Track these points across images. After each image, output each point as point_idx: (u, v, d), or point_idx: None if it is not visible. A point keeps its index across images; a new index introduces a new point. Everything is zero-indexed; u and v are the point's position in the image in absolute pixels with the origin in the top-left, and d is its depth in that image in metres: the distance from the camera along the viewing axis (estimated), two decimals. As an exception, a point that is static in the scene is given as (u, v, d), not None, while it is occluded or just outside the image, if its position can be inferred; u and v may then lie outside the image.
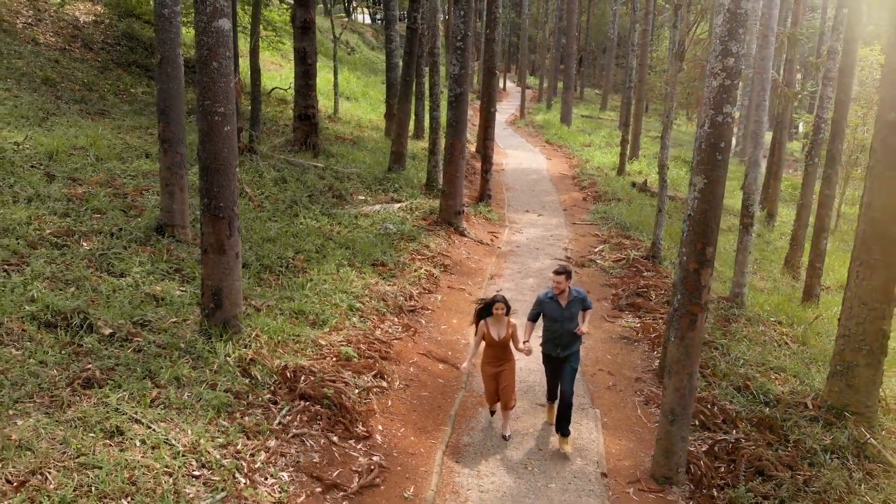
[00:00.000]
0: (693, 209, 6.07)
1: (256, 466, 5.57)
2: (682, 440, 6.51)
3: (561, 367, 7.04)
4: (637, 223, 16.37)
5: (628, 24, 31.00)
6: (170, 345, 6.81)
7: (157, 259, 8.80)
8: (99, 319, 6.93)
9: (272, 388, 6.62)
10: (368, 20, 60.34)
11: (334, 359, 7.51)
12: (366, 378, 7.39)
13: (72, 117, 14.25)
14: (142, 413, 5.74)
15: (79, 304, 7.02)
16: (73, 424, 5.44)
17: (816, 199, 13.95)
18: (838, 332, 8.37)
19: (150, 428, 5.59)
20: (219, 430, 5.81)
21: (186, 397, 6.10)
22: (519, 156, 26.73)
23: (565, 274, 6.94)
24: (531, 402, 7.90)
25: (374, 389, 7.33)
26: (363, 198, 14.71)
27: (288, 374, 6.80)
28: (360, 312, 9.00)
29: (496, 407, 7.37)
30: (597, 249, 14.53)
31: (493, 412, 7.48)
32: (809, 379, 9.15)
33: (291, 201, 12.72)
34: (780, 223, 20.72)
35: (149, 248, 9.05)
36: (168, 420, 5.75)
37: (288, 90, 21.00)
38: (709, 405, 7.99)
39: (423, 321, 9.76)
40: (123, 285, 7.96)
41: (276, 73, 25.88)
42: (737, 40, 5.69)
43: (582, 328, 6.98)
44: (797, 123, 38.45)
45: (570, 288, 7.02)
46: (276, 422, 6.18)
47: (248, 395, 6.39)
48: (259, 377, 6.68)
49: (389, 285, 10.30)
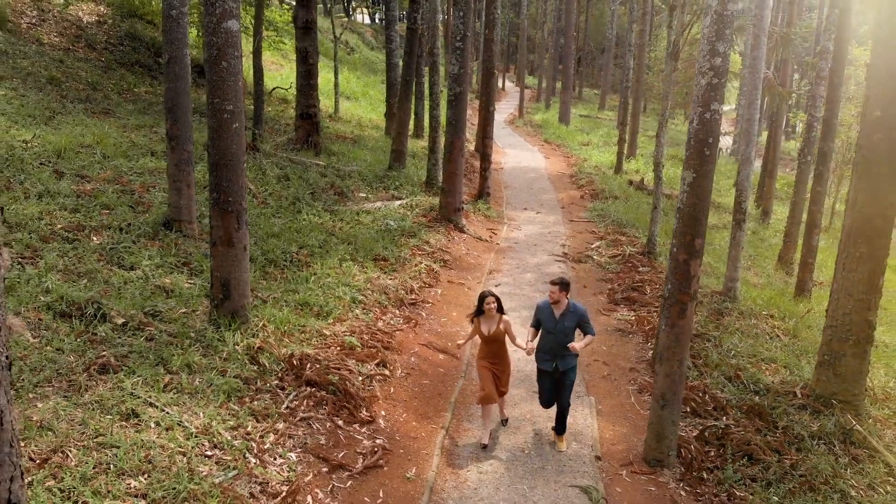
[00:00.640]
0: (683, 202, 6.35)
1: (266, 447, 5.84)
2: (672, 424, 6.78)
3: (558, 383, 6.90)
4: (633, 220, 16.65)
5: (626, 24, 31.29)
6: (180, 334, 7.08)
7: (165, 253, 9.07)
8: (112, 310, 7.20)
9: (279, 374, 6.89)
10: (368, 20, 60.59)
11: (338, 348, 7.78)
12: (369, 366, 7.66)
13: (77, 116, 14.50)
14: (155, 397, 6.01)
15: (92, 295, 7.29)
16: (91, 407, 5.71)
17: (809, 197, 14.22)
18: (826, 323, 8.64)
19: (164, 411, 5.86)
20: (229, 414, 6.08)
21: (198, 383, 6.37)
22: (517, 155, 27.01)
23: (559, 284, 6.74)
24: (528, 389, 8.16)
25: (377, 377, 7.61)
26: (364, 195, 14.98)
27: (294, 362, 7.07)
28: (362, 305, 9.27)
29: (490, 429, 7.03)
30: (594, 246, 14.81)
31: (485, 446, 6.88)
32: (799, 370, 9.42)
33: (294, 198, 13.00)
34: (775, 221, 21.00)
35: (157, 242, 9.32)
36: (181, 404, 6.02)
37: (289, 90, 21.26)
38: (700, 393, 8.26)
39: (424, 314, 10.03)
40: (134, 278, 8.22)
41: (277, 72, 26.13)
42: (724, 41, 5.96)
43: (575, 345, 6.69)
44: (795, 123, 38.78)
45: (569, 301, 6.82)
46: (284, 406, 6.46)
47: (257, 381, 6.66)
48: (267, 364, 6.95)
49: (391, 279, 10.57)
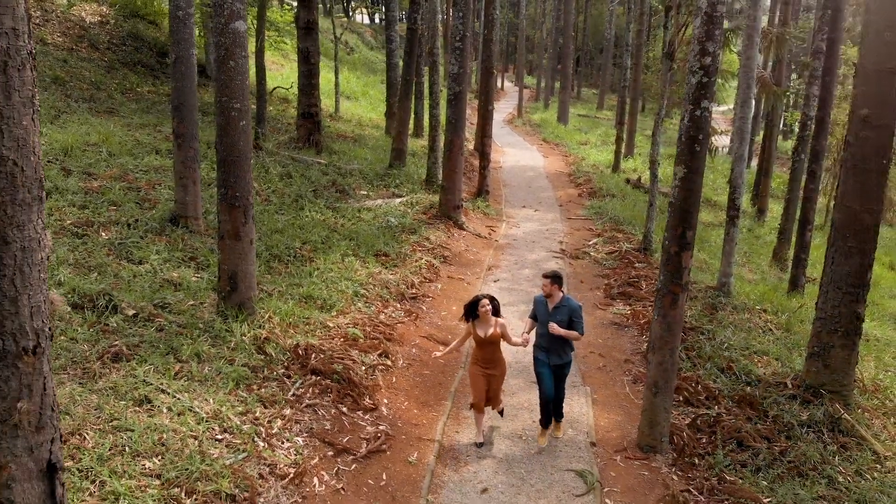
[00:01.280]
0: (674, 197, 6.59)
1: (274, 432, 6.08)
2: (665, 411, 7.02)
3: (554, 374, 6.95)
4: (630, 218, 16.89)
5: (625, 24, 31.55)
6: (189, 324, 7.32)
7: (172, 248, 9.31)
8: (122, 301, 7.44)
9: (285, 364, 7.13)
10: (367, 20, 60.79)
11: (342, 339, 8.02)
12: (372, 357, 7.91)
13: (82, 115, 14.73)
14: (167, 384, 6.24)
15: (103, 287, 7.53)
16: (105, 393, 5.94)
17: (802, 194, 14.46)
18: (815, 315, 8.88)
19: (175, 397, 6.09)
20: (238, 400, 6.32)
21: (207, 371, 6.61)
22: (516, 154, 27.26)
23: (551, 278, 6.79)
24: (526, 379, 8.40)
25: (380, 367, 7.85)
26: (365, 193, 15.22)
27: (300, 352, 7.31)
28: (364, 298, 9.51)
29: (483, 429, 7.04)
30: (591, 242, 15.05)
31: (481, 444, 6.93)
32: (791, 362, 9.65)
33: (297, 195, 13.23)
34: (771, 219, 21.24)
35: (164, 237, 9.55)
36: (191, 390, 6.26)
37: (290, 89, 21.49)
38: (693, 383, 8.50)
39: (424, 307, 10.27)
40: (142, 271, 8.46)
41: (278, 72, 26.35)
42: (713, 41, 6.20)
43: (555, 327, 6.67)
44: (791, 123, 39.03)
45: (563, 295, 6.87)
46: (291, 393, 6.69)
47: (264, 370, 6.90)
48: (273, 354, 7.19)
49: (392, 274, 10.81)
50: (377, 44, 46.76)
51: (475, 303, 6.77)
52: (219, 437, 5.80)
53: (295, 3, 32.73)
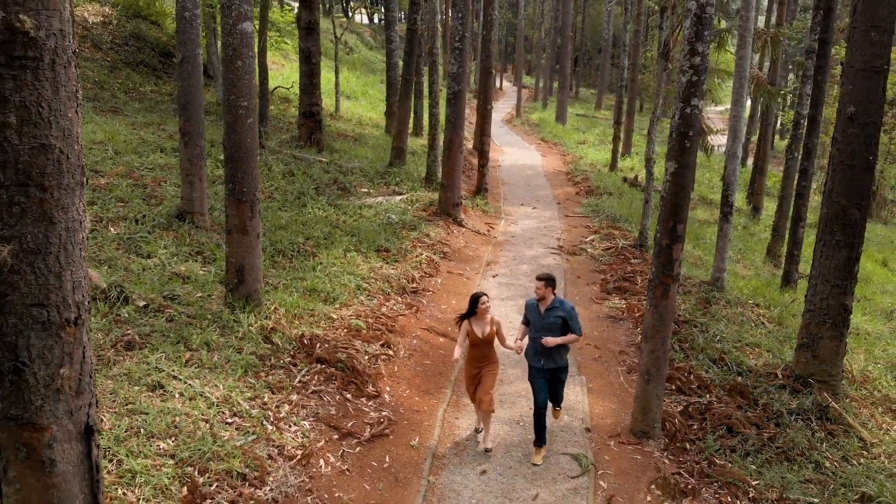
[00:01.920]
0: (665, 191, 6.85)
1: (281, 416, 6.34)
2: (657, 398, 7.29)
3: (551, 382, 6.87)
4: (627, 215, 17.16)
5: (622, 24, 31.83)
6: (198, 315, 7.58)
7: (180, 242, 9.57)
8: (133, 293, 7.69)
9: (292, 352, 7.39)
10: (366, 21, 61.04)
11: (345, 330, 8.29)
12: (374, 347, 8.17)
13: (87, 114, 14.98)
14: (178, 371, 6.50)
15: (115, 280, 7.78)
16: (120, 379, 6.20)
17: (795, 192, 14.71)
18: (805, 308, 9.14)
19: (187, 383, 6.35)
20: (247, 386, 6.58)
21: (216, 359, 6.87)
22: (515, 153, 27.53)
23: (545, 280, 6.67)
24: (523, 369, 8.64)
25: (382, 357, 8.11)
26: (366, 190, 15.48)
27: (305, 341, 7.57)
28: (366, 292, 9.77)
29: (490, 434, 6.98)
30: (588, 239, 15.32)
31: (479, 430, 7.07)
32: (782, 354, 9.90)
33: (299, 193, 13.50)
34: (766, 216, 21.50)
35: (171, 232, 9.81)
36: (202, 377, 6.51)
37: (290, 89, 21.76)
38: (686, 373, 8.76)
39: (425, 301, 10.53)
40: (151, 265, 8.72)
41: (278, 72, 26.61)
42: (702, 41, 6.47)
43: (549, 339, 6.56)
44: (787, 122, 39.31)
45: (554, 297, 6.74)
46: (297, 380, 6.96)
47: (271, 358, 7.16)
48: (279, 343, 7.45)
49: (393, 269, 11.08)
50: (376, 44, 47.02)
51: (475, 299, 6.72)
52: (229, 420, 6.06)
53: (295, 4, 32.99)
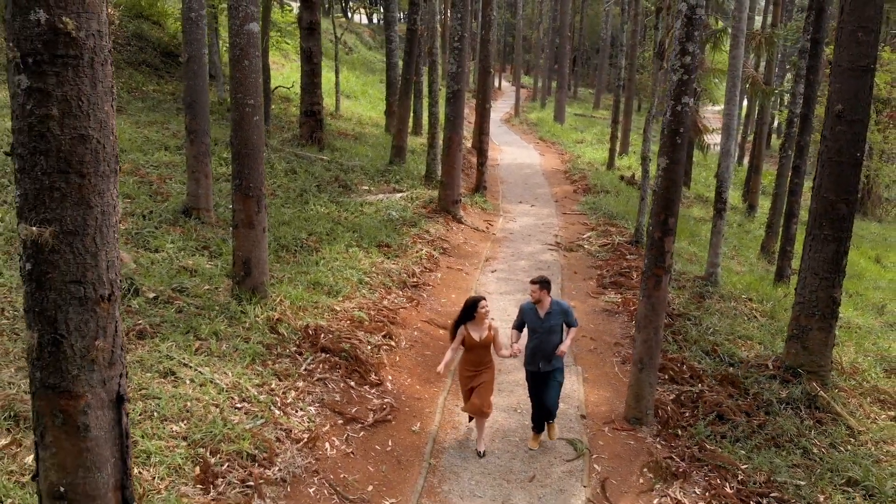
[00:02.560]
0: (658, 186, 7.11)
1: (288, 401, 6.59)
2: (650, 386, 7.55)
3: (546, 382, 6.80)
4: (623, 213, 17.42)
5: (620, 24, 32.12)
6: (207, 307, 7.83)
7: (186, 237, 9.82)
8: (143, 286, 7.95)
9: (297, 342, 7.65)
10: (366, 21, 61.28)
11: (348, 321, 8.55)
12: (376, 337, 8.43)
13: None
14: (188, 359, 6.76)
15: (125, 272, 8.03)
16: (133, 366, 6.45)
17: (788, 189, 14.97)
18: (794, 300, 9.41)
19: (197, 370, 6.60)
20: (255, 373, 6.84)
21: (225, 348, 7.13)
22: (513, 152, 27.80)
23: (539, 283, 6.67)
24: (520, 360, 8.90)
25: (384, 347, 8.37)
26: (367, 188, 15.74)
27: (310, 332, 7.83)
28: (368, 285, 10.03)
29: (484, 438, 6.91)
30: (585, 236, 15.58)
31: (471, 419, 7.04)
32: (774, 346, 10.16)
33: (302, 190, 13.76)
34: (761, 214, 21.78)
35: (178, 228, 10.06)
36: (211, 365, 6.77)
37: (291, 88, 22.02)
38: (678, 364, 9.03)
39: (425, 295, 10.79)
40: (159, 259, 8.97)
41: (278, 72, 26.86)
42: (693, 41, 6.73)
43: (562, 348, 6.67)
44: (783, 121, 39.61)
45: (551, 299, 6.77)
46: (303, 368, 7.21)
47: (277, 348, 7.41)
48: (285, 333, 7.71)
49: (394, 264, 11.33)
50: (375, 44, 47.27)
51: (474, 303, 6.60)
52: (238, 405, 6.31)
53: (294, 4, 33.24)
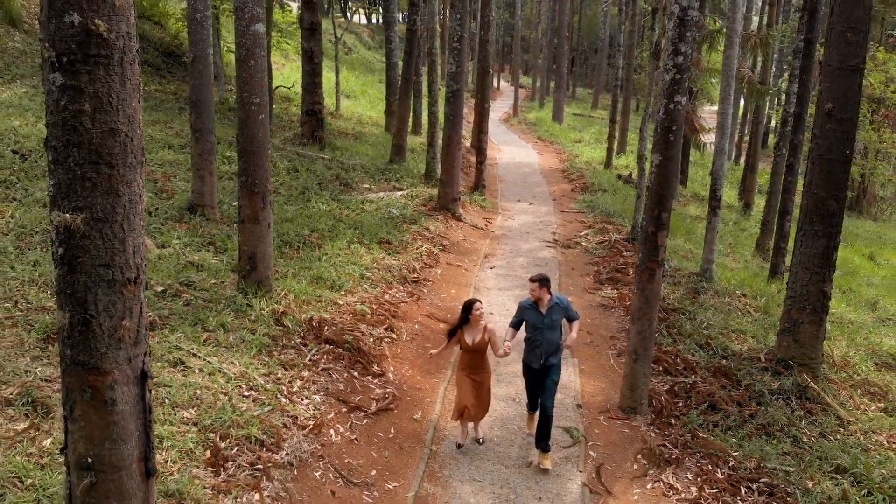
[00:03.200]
0: (651, 182, 7.34)
1: (294, 390, 6.82)
2: (644, 376, 7.77)
3: (542, 380, 6.77)
4: (620, 210, 17.66)
5: (618, 24, 32.38)
6: (213, 300, 8.05)
7: (192, 233, 10.04)
8: (151, 279, 8.16)
9: (302, 334, 7.87)
10: (364, 21, 61.49)
11: (351, 314, 8.78)
12: (378, 330, 8.66)
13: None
14: (197, 349, 6.97)
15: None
16: (144, 356, 6.65)
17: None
18: (786, 294, 9.63)
19: (206, 360, 6.82)
20: (261, 363, 7.06)
21: (232, 339, 7.34)
22: (512, 151, 28.04)
23: (538, 281, 6.69)
24: (518, 351, 9.12)
25: (386, 339, 8.60)
26: (368, 186, 15.97)
27: (314, 324, 8.05)
28: (370, 280, 10.26)
29: (467, 431, 6.95)
30: (582, 233, 15.82)
31: (461, 445, 6.84)
32: (767, 340, 10.38)
33: (304, 188, 13.98)
34: (757, 212, 22.01)
35: (184, 224, 10.28)
36: (219, 355, 6.98)
37: (291, 88, 22.24)
38: (673, 356, 9.25)
39: (426, 290, 11.02)
40: (166, 254, 9.18)
41: (279, 72, 27.08)
42: (685, 42, 6.95)
43: (568, 341, 6.73)
44: (779, 121, 39.87)
45: (551, 295, 6.78)
46: (307, 359, 7.44)
47: (283, 339, 7.64)
48: (290, 326, 7.93)
49: (394, 260, 11.56)
50: (374, 44, 47.47)
51: (468, 306, 6.62)
52: (246, 393, 6.53)
53: (293, 4, 33.39)
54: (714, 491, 6.53)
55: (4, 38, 17.42)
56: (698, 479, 6.70)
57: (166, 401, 6.06)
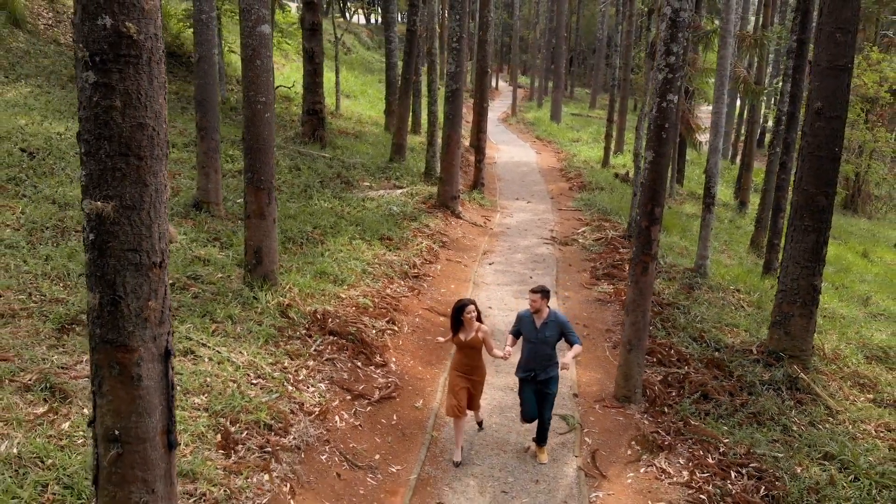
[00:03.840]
0: (644, 178, 7.59)
1: (300, 378, 7.06)
2: (638, 366, 8.03)
3: (540, 393, 6.76)
4: (617, 208, 17.93)
5: (615, 25, 32.66)
6: (221, 293, 8.30)
7: (198, 229, 10.29)
8: (160, 273, 8.39)
9: (306, 326, 8.12)
10: (363, 21, 61.74)
11: (354, 307, 9.03)
12: (381, 322, 8.92)
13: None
14: (206, 339, 7.21)
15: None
16: (155, 345, 6.89)
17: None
18: (777, 288, 9.88)
19: (215, 350, 7.06)
20: (268, 353, 7.30)
21: (239, 330, 7.59)
22: (510, 150, 28.31)
23: (541, 293, 6.63)
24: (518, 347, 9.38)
25: (388, 331, 8.85)
26: (368, 184, 16.22)
27: (318, 316, 8.30)
28: (372, 275, 10.51)
29: (462, 446, 6.80)
30: (580, 231, 16.08)
31: (458, 463, 6.68)
32: (759, 334, 10.63)
33: (306, 186, 14.24)
34: (752, 210, 22.29)
35: (190, 220, 10.53)
36: (227, 345, 7.23)
37: (291, 88, 22.49)
38: (666, 348, 9.50)
39: (426, 285, 11.27)
40: (173, 249, 9.43)
41: (279, 72, 27.30)
42: (677, 43, 7.21)
43: (565, 360, 6.50)
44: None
45: (549, 310, 6.70)
46: (312, 349, 7.69)
47: (288, 330, 7.88)
48: (295, 318, 8.18)
49: (395, 256, 11.82)
50: (373, 44, 47.71)
51: (461, 308, 6.62)
52: (254, 381, 6.77)
53: (292, 5, 33.59)
54: (705, 475, 6.77)
55: (8, 38, 17.65)
56: (690, 463, 6.94)
57: (178, 388, 6.30)
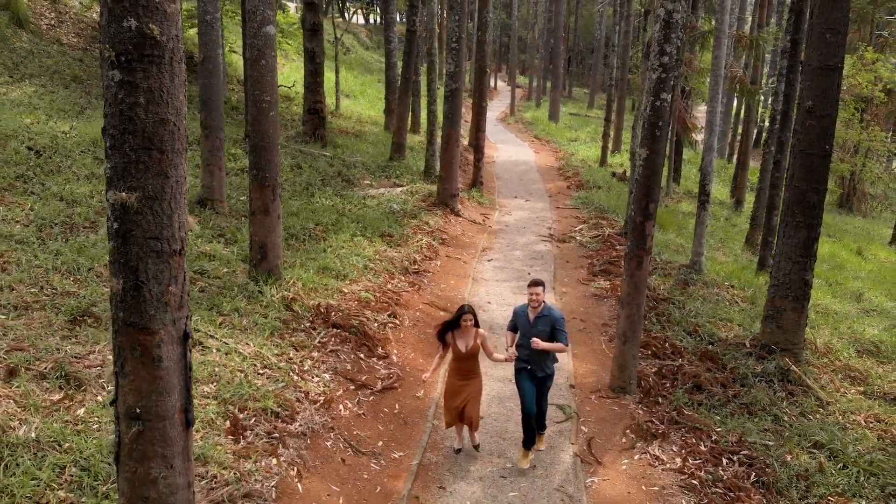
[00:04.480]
0: (639, 174, 7.82)
1: (305, 369, 7.28)
2: (633, 358, 8.25)
3: (538, 387, 6.79)
4: (614, 207, 18.16)
5: (613, 25, 32.92)
6: (227, 287, 8.51)
7: (203, 226, 10.49)
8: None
9: (310, 319, 8.34)
10: (363, 21, 61.95)
11: (356, 301, 9.25)
12: (382, 316, 9.14)
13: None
14: (214, 331, 7.43)
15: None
16: (164, 337, 7.11)
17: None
18: (770, 283, 10.11)
19: (222, 341, 7.28)
20: (274, 345, 7.52)
21: (246, 322, 7.81)
22: (509, 150, 28.54)
23: (542, 286, 6.63)
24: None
25: (389, 325, 9.07)
26: (369, 182, 16.44)
27: (322, 310, 8.52)
28: (373, 271, 10.73)
29: (463, 436, 6.91)
30: (577, 228, 16.31)
31: (459, 450, 6.84)
32: (752, 328, 10.86)
33: (307, 184, 14.46)
34: (747, 209, 22.52)
35: (195, 217, 10.73)
36: (234, 337, 7.45)
37: (291, 87, 22.69)
38: (661, 341, 9.73)
39: (426, 281, 11.49)
40: (179, 245, 9.63)
41: (279, 71, 27.39)
42: (670, 43, 7.43)
43: (538, 342, 6.42)
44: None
45: (544, 304, 6.66)
46: (317, 341, 7.91)
47: (293, 323, 8.10)
48: (299, 311, 8.40)
49: (396, 252, 12.04)
50: (372, 44, 47.92)
51: (458, 316, 6.58)
52: (260, 371, 6.99)
53: (290, 5, 33.77)
54: (697, 462, 7.00)
55: (12, 38, 17.85)
56: (682, 451, 7.17)
57: (187, 377, 6.51)
